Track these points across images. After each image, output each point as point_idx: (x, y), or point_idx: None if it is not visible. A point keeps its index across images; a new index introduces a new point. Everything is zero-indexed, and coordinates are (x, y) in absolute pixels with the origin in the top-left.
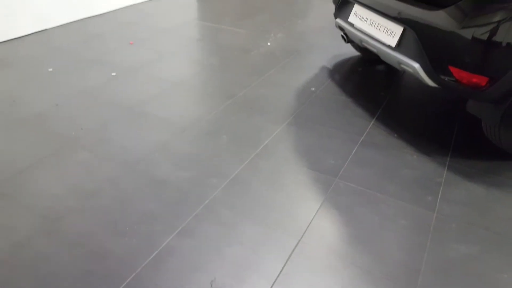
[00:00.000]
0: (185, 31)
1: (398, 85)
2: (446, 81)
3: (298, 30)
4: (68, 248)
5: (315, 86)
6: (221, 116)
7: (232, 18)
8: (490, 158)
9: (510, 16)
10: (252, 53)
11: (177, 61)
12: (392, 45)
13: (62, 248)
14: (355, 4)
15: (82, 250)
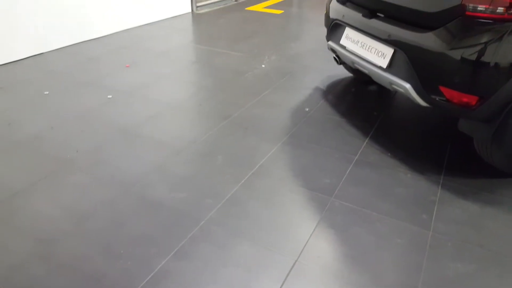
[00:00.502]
0: (180, 54)
1: (390, 105)
2: (437, 100)
3: (292, 53)
4: (62, 272)
5: (309, 106)
6: (217, 137)
7: (227, 41)
8: (483, 176)
9: (497, 37)
10: (247, 74)
11: (172, 84)
12: (383, 66)
13: (56, 272)
14: (346, 27)
15: (76, 273)
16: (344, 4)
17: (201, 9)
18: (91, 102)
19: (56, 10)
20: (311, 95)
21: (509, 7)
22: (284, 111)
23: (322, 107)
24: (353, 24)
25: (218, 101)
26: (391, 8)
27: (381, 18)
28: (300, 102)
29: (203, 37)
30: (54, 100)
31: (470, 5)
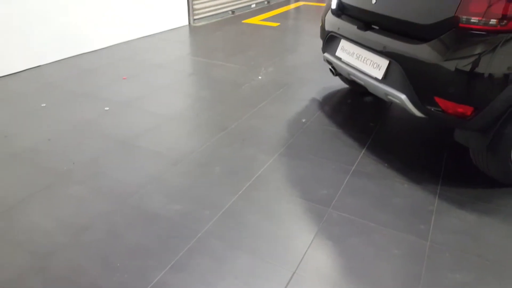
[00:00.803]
0: (178, 66)
1: (386, 116)
2: (432, 111)
3: (288, 64)
4: (59, 285)
5: (306, 118)
6: (214, 148)
7: (224, 53)
8: (479, 186)
9: (490, 48)
10: (244, 86)
11: (170, 95)
12: (379, 78)
13: (53, 285)
14: (341, 39)
15: (73, 286)
16: (339, 17)
17: (198, 22)
18: (88, 114)
19: (53, 23)
20: (308, 106)
21: (502, 19)
22: (281, 122)
23: (318, 118)
24: (348, 36)
25: (215, 112)
26: (386, 20)
27: (376, 30)
28: (297, 113)
29: (200, 50)
30: (51, 112)
31: (463, 17)
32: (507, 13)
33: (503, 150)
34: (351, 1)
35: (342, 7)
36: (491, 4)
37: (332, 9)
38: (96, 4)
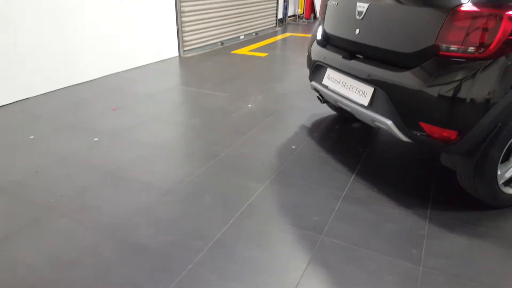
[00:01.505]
0: (168, 96)
1: (374, 141)
2: (418, 136)
3: (277, 92)
4: None
5: (296, 144)
6: (204, 177)
7: (214, 83)
8: (469, 208)
9: (470, 74)
10: (234, 114)
11: (159, 125)
12: (365, 104)
13: None
14: (327, 68)
15: None
16: (324, 47)
17: (188, 53)
18: (77, 145)
19: (42, 55)
20: (297, 133)
21: (479, 46)
22: (271, 150)
23: (308, 144)
24: (334, 65)
25: (205, 141)
26: (369, 49)
27: (360, 59)
28: (287, 140)
29: (190, 80)
30: (39, 144)
31: (443, 46)
32: (484, 41)
33: (489, 173)
34: (335, 32)
35: (327, 37)
36: (469, 33)
37: (317, 39)
38: (86, 36)
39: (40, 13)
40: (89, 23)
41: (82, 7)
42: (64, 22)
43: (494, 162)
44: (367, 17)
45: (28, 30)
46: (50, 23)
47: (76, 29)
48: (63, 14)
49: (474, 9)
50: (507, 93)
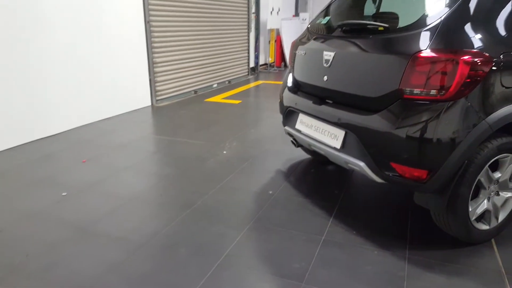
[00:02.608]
0: (140, 146)
1: (349, 183)
2: (390, 176)
3: (252, 138)
4: None
5: (273, 189)
6: (180, 228)
7: (188, 131)
8: (445, 246)
9: (434, 115)
10: (209, 162)
11: (132, 176)
12: (337, 147)
13: None
14: (300, 113)
15: None
16: (295, 93)
17: (161, 102)
18: (44, 201)
19: (7, 108)
20: (273, 178)
21: (440, 89)
22: (248, 196)
23: (285, 189)
24: (305, 110)
25: (180, 190)
26: (338, 95)
27: (330, 104)
28: (263, 185)
29: (164, 128)
30: (3, 202)
31: (407, 89)
32: (444, 84)
33: (461, 210)
34: (305, 79)
35: (298, 84)
36: (429, 76)
37: (288, 86)
38: (54, 88)
39: (3, 64)
40: (58, 74)
41: (50, 59)
42: (30, 73)
43: (464, 199)
44: (334, 65)
45: None
46: (15, 74)
47: (44, 81)
48: (29, 64)
49: (433, 55)
50: (470, 132)
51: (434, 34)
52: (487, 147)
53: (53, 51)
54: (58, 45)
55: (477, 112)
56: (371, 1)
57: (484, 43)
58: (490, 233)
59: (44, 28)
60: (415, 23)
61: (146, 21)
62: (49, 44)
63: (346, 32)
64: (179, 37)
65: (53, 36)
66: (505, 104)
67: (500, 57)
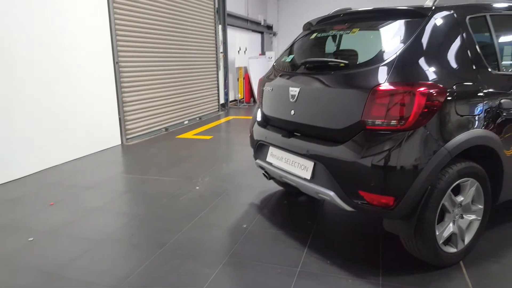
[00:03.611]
0: (110, 186)
1: (321, 212)
2: (359, 204)
3: (224, 173)
4: None
5: (247, 223)
6: (152, 269)
7: (159, 168)
8: (416, 271)
9: (396, 144)
10: (181, 198)
11: (102, 217)
12: (307, 178)
13: None
14: (270, 146)
15: None
16: (265, 127)
17: (131, 140)
18: (8, 247)
19: None
20: (247, 211)
21: (400, 119)
22: (222, 231)
23: (259, 222)
24: (275, 143)
25: (152, 229)
26: (305, 128)
27: (298, 136)
28: (237, 219)
29: (134, 167)
30: None
31: (369, 120)
32: (403, 114)
33: (428, 234)
34: (273, 114)
35: (267, 119)
36: (389, 108)
37: (258, 121)
38: (21, 129)
39: None
40: (26, 115)
41: (17, 99)
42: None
43: (430, 223)
44: (300, 100)
45: None
46: None
47: (11, 122)
48: None
49: (391, 88)
50: (431, 158)
51: (391, 69)
52: (448, 172)
53: (20, 91)
54: (25, 85)
55: (436, 139)
56: (331, 40)
57: (438, 75)
58: (458, 256)
59: (12, 67)
60: (373, 59)
61: (115, 61)
62: (16, 84)
63: (310, 69)
64: (148, 76)
65: (21, 76)
66: (461, 131)
67: (453, 88)
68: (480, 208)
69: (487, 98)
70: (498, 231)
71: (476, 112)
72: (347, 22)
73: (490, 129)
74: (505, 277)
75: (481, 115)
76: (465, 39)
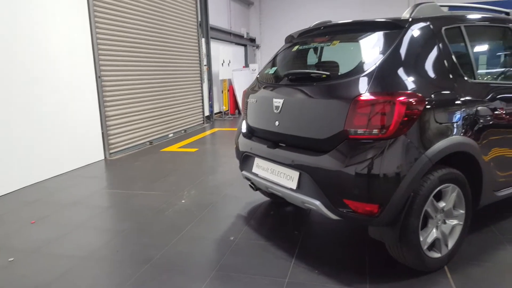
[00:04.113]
0: (93, 202)
1: (308, 222)
2: (345, 213)
3: (210, 185)
4: None
5: (234, 235)
6: (138, 285)
7: (144, 182)
8: (402, 277)
9: (379, 153)
10: (167, 212)
11: (85, 234)
12: (293, 188)
13: None
14: (255, 158)
15: None
16: (250, 139)
17: (114, 155)
18: None
19: None
20: (234, 223)
21: (381, 128)
22: (209, 244)
23: (246, 233)
24: (260, 155)
25: (137, 245)
26: (290, 138)
27: (283, 147)
28: (224, 231)
29: (118, 182)
30: None
31: (352, 130)
32: (384, 123)
33: (412, 240)
34: (258, 125)
35: (251, 130)
36: (370, 117)
37: (243, 132)
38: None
39: None
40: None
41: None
42: None
43: (414, 229)
44: (284, 111)
45: None
46: None
47: None
48: None
49: (372, 97)
50: (412, 166)
51: (371, 79)
52: (430, 179)
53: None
54: (4, 101)
55: (417, 147)
56: (313, 52)
57: (416, 84)
58: (443, 260)
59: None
60: (353, 70)
61: (97, 76)
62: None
63: (292, 81)
64: (132, 89)
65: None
66: (441, 138)
67: (431, 96)
68: (462, 213)
69: (464, 106)
70: (479, 235)
71: (454, 119)
72: (328, 35)
73: (468, 135)
74: (487, 279)
75: (459, 122)
76: (441, 49)
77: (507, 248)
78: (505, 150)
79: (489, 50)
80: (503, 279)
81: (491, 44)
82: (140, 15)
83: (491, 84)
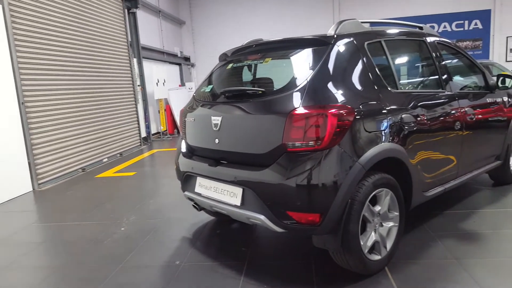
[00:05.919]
0: (23, 238)
1: (254, 237)
2: (289, 224)
3: (152, 209)
4: None
5: (180, 259)
6: None
7: (78, 212)
8: (347, 282)
9: (316, 163)
10: (106, 242)
11: (14, 275)
12: (238, 204)
13: None
14: (197, 177)
15: None
16: (190, 158)
17: (44, 185)
18: None
19: None
20: (179, 246)
21: (316, 140)
22: (153, 271)
23: (192, 256)
24: (202, 173)
25: (75, 280)
26: (230, 155)
27: (225, 164)
28: (169, 256)
29: (49, 214)
30: None
31: (289, 143)
32: (319, 135)
33: (354, 245)
34: (198, 144)
35: (191, 149)
36: (306, 130)
37: (183, 152)
38: None
39: None
40: None
41: None
42: None
43: (355, 234)
44: (223, 128)
45: None
46: None
47: None
48: None
49: (305, 111)
50: (348, 173)
51: (304, 94)
52: (364, 185)
53: None
54: None
55: (350, 156)
56: (247, 69)
57: (345, 96)
58: (383, 262)
59: None
60: (287, 85)
61: (20, 102)
62: None
63: (229, 98)
64: (60, 115)
65: None
66: (371, 146)
67: (360, 107)
68: (396, 215)
69: (390, 114)
70: (414, 234)
71: (382, 127)
72: (260, 52)
73: (396, 142)
74: (425, 276)
75: (387, 130)
76: (365, 63)
77: (439, 244)
78: (429, 153)
79: (408, 61)
80: (439, 274)
81: (409, 56)
82: (66, 37)
83: (412, 93)
